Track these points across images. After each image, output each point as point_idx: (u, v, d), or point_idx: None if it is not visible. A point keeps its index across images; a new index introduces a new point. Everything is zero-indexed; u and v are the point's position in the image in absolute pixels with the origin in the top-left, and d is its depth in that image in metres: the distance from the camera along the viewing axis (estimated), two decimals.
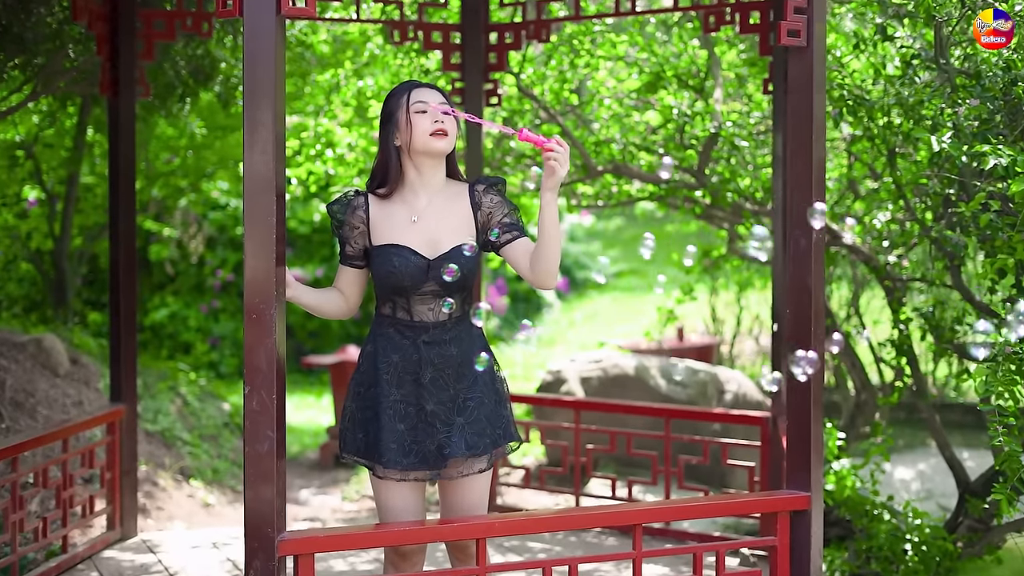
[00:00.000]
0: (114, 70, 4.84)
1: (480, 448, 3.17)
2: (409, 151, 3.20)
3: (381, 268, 3.18)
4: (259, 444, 2.91)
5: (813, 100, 3.37)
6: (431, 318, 3.20)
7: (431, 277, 3.17)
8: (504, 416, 3.25)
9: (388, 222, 3.22)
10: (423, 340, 3.18)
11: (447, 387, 3.19)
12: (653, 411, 5.15)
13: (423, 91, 3.21)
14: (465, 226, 3.23)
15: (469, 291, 3.27)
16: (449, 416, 3.17)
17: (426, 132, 3.16)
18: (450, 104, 3.24)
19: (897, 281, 5.48)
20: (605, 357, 6.99)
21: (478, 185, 3.27)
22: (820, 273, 3.41)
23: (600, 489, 5.54)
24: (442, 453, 3.15)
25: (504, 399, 3.27)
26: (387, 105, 3.25)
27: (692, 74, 5.74)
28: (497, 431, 3.22)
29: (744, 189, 5.43)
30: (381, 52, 6.24)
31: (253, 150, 2.91)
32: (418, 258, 3.17)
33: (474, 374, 3.20)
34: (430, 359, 3.18)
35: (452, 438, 3.14)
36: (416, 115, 3.17)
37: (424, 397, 3.17)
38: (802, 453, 3.43)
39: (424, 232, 3.20)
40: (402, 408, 3.18)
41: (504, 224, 3.23)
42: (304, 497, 6.84)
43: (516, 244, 3.22)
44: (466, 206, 3.25)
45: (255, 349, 2.91)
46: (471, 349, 3.23)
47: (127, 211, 4.90)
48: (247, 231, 2.90)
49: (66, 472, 4.60)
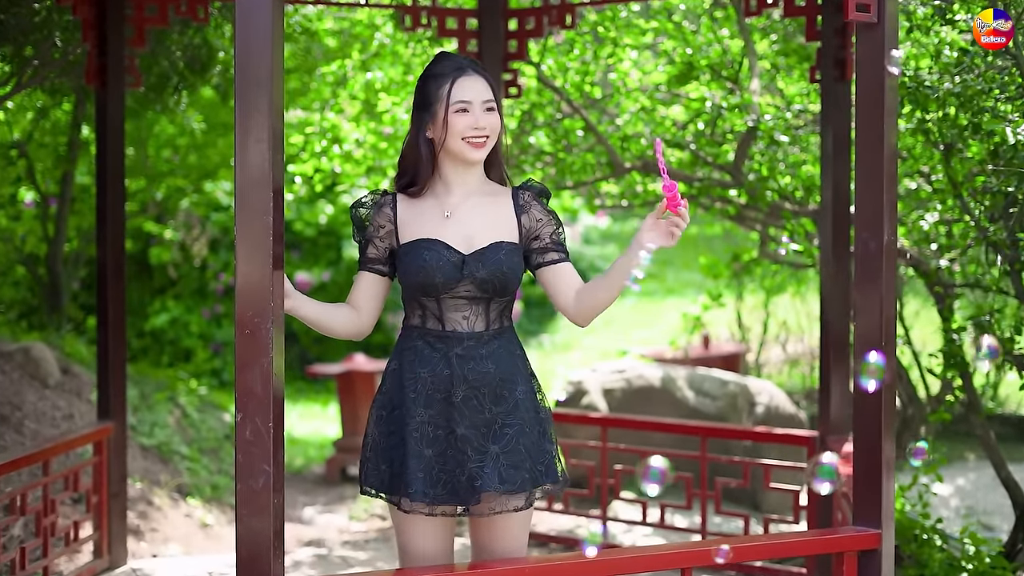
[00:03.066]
0: (102, 58, 4.45)
1: (516, 483, 2.73)
2: (442, 149, 2.80)
3: (411, 265, 2.77)
4: (253, 479, 2.51)
5: (884, 83, 2.98)
6: (466, 328, 2.78)
7: (466, 275, 2.75)
8: (547, 451, 2.82)
9: (419, 219, 2.82)
10: (456, 353, 2.76)
11: (482, 409, 2.76)
12: (688, 429, 4.73)
13: (469, 83, 2.78)
14: (506, 226, 2.82)
15: (510, 299, 2.85)
16: (483, 443, 2.74)
17: (462, 137, 2.76)
18: (497, 97, 2.81)
19: (948, 287, 5.08)
20: (629, 367, 6.58)
21: (524, 192, 2.87)
22: (891, 278, 3.03)
23: (627, 512, 5.13)
24: (473, 485, 2.72)
25: (548, 432, 2.84)
26: (425, 87, 2.82)
27: (726, 64, 5.33)
28: (539, 467, 2.78)
29: (783, 188, 5.02)
30: (391, 41, 5.83)
31: (246, 138, 2.51)
32: (452, 252, 2.76)
33: (515, 397, 2.78)
34: (463, 375, 2.75)
35: (485, 468, 2.71)
36: (455, 115, 2.75)
37: (455, 419, 2.74)
38: (871, 484, 3.03)
39: (459, 227, 2.80)
40: (430, 431, 2.75)
41: (554, 241, 2.83)
42: (308, 516, 6.43)
43: (558, 268, 2.83)
44: (508, 208, 2.84)
45: (248, 369, 2.51)
46: (512, 368, 2.81)
47: (116, 211, 4.51)
48: (239, 231, 2.50)
49: (47, 497, 4.20)
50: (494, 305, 2.80)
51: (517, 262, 2.80)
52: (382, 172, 6.00)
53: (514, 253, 2.80)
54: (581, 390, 6.45)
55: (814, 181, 5.18)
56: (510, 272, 2.78)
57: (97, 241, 4.52)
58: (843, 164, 4.26)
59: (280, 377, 2.55)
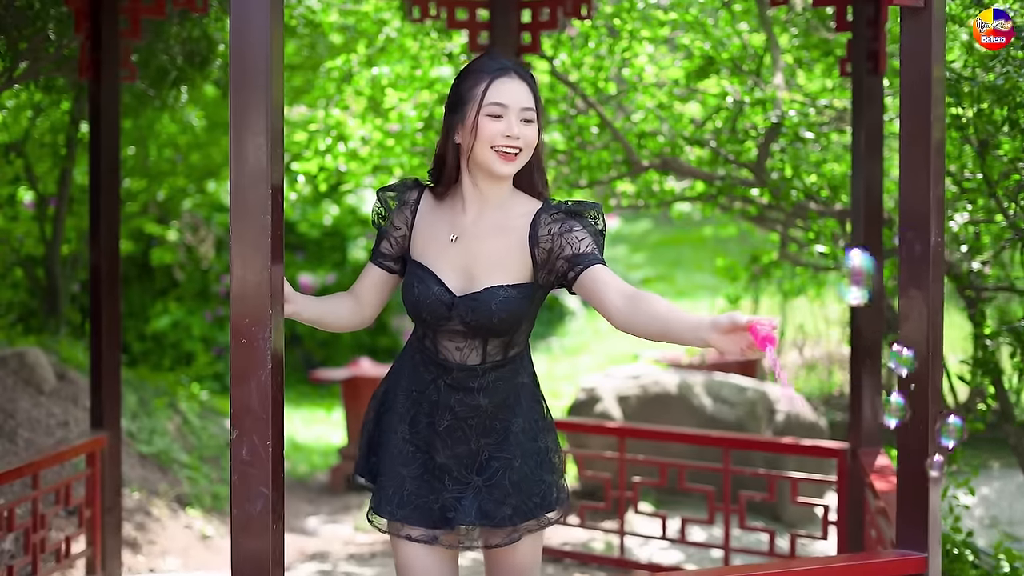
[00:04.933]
0: (95, 51, 4.23)
1: (496, 519, 2.52)
2: (468, 157, 2.52)
3: (404, 292, 2.58)
4: (250, 503, 2.29)
5: (931, 72, 2.75)
6: (457, 359, 2.56)
7: (454, 316, 2.52)
8: (545, 481, 2.58)
9: (428, 233, 2.58)
10: (445, 382, 2.56)
11: (466, 440, 2.56)
12: (710, 440, 4.50)
13: (509, 85, 2.48)
14: (515, 263, 2.51)
15: (515, 336, 2.57)
16: (464, 473, 2.55)
17: (491, 145, 2.46)
18: (539, 107, 2.51)
19: (980, 291, 4.85)
20: (644, 373, 6.35)
21: (544, 214, 2.51)
22: (939, 283, 2.82)
23: (644, 526, 4.91)
24: (445, 516, 2.53)
25: (548, 462, 2.60)
26: (459, 86, 2.53)
27: (748, 57, 5.10)
28: (532, 499, 2.56)
29: (808, 187, 4.80)
30: (398, 35, 5.61)
31: (242, 131, 2.29)
32: (442, 290, 2.52)
33: (507, 430, 2.55)
34: (450, 406, 2.55)
35: (462, 501, 2.52)
36: (486, 119, 2.46)
37: (435, 447, 2.56)
38: (917, 504, 2.80)
39: (461, 257, 2.54)
40: (410, 451, 2.57)
41: (567, 259, 2.47)
42: (312, 527, 6.22)
43: (586, 276, 2.45)
44: (522, 239, 2.51)
45: (244, 382, 2.28)
46: (510, 399, 2.57)
47: (110, 211, 4.29)
48: (234, 232, 2.28)
49: (37, 512, 3.99)
50: (494, 341, 2.55)
51: (516, 307, 2.49)
52: (389, 171, 5.78)
53: (513, 299, 2.48)
54: (594, 396, 6.23)
55: (840, 180, 4.96)
56: (501, 323, 2.49)
57: (90, 243, 4.31)
58: (876, 162, 4.03)
59: (280, 390, 2.32)
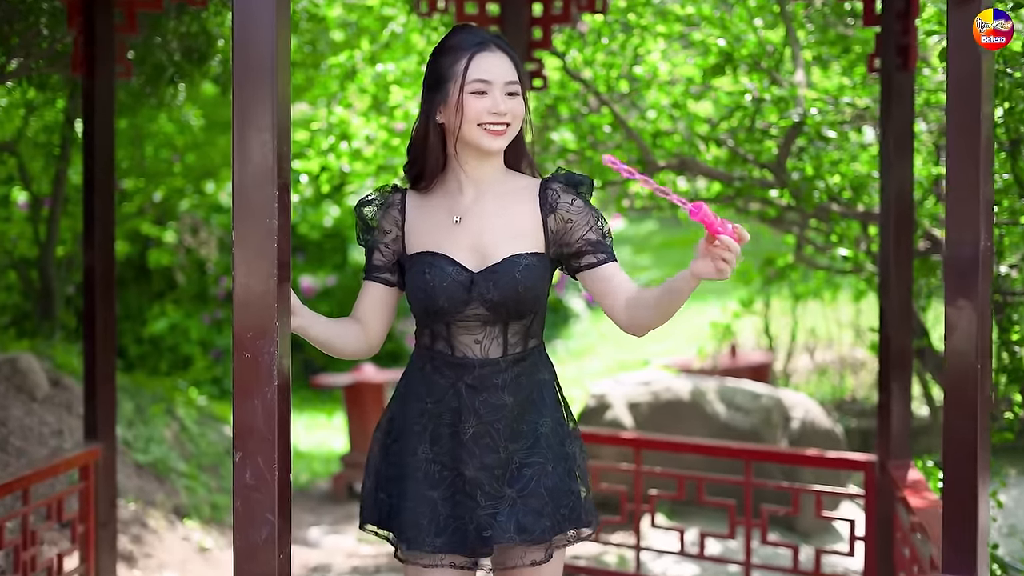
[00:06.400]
0: (89, 45, 4.04)
1: (536, 532, 2.33)
2: (455, 137, 2.38)
3: (412, 284, 2.38)
4: (254, 531, 2.10)
5: (982, 66, 2.57)
6: (478, 354, 2.38)
7: (474, 296, 2.34)
8: (573, 491, 2.40)
9: (425, 223, 2.41)
10: (466, 383, 2.37)
11: (495, 447, 2.36)
12: (731, 452, 4.32)
13: (490, 60, 2.35)
14: (528, 232, 2.39)
15: (533, 320, 2.42)
16: (496, 487, 2.35)
17: (478, 122, 2.34)
18: (522, 79, 2.38)
19: (1008, 295, 4.68)
20: (655, 379, 6.17)
21: (553, 183, 2.41)
22: (987, 291, 2.64)
23: (662, 540, 4.73)
24: (482, 536, 2.33)
25: (575, 470, 2.43)
26: (437, 63, 2.39)
27: (766, 53, 4.92)
28: (561, 511, 2.37)
29: (831, 188, 4.62)
30: (404, 29, 5.41)
31: (246, 127, 2.10)
32: (457, 270, 2.35)
33: (536, 432, 2.37)
34: (474, 409, 2.36)
35: (498, 516, 2.33)
36: (470, 97, 2.33)
37: (463, 459, 2.36)
38: (966, 524, 2.62)
39: (468, 236, 2.38)
40: (436, 470, 2.38)
41: (588, 242, 2.38)
42: (314, 537, 6.03)
43: (597, 272, 2.38)
44: (532, 208, 2.40)
45: (248, 400, 2.10)
46: (535, 397, 2.40)
47: (105, 212, 4.10)
48: (237, 237, 2.09)
49: (27, 528, 3.80)
50: (514, 327, 2.39)
51: (539, 277, 2.37)
52: (393, 171, 5.59)
53: (535, 267, 2.36)
54: (604, 403, 6.05)
55: (862, 180, 4.78)
56: (527, 293, 2.35)
57: (84, 245, 4.12)
58: (906, 162, 3.86)
59: (287, 408, 2.14)
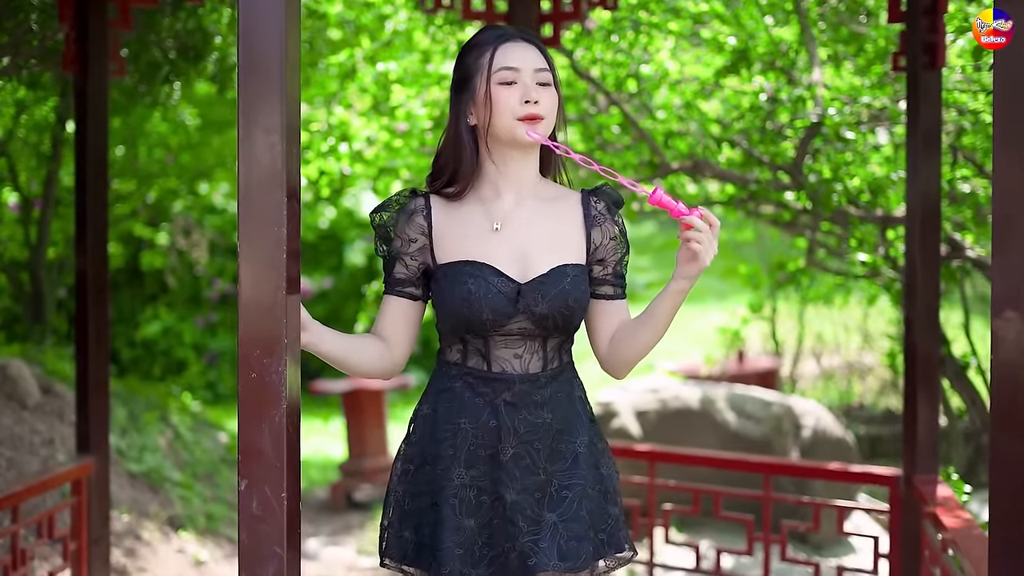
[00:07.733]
0: (81, 42, 3.88)
1: (580, 559, 2.18)
2: (487, 136, 2.24)
3: (451, 295, 2.20)
4: (261, 566, 1.94)
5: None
6: (518, 369, 2.23)
7: (521, 310, 2.19)
8: (611, 515, 2.27)
9: (459, 231, 2.25)
10: (505, 400, 2.22)
11: (535, 469, 2.21)
12: (750, 466, 4.17)
13: (513, 48, 2.23)
14: (571, 243, 2.27)
15: (570, 335, 2.28)
16: (537, 511, 2.20)
17: (511, 115, 2.20)
18: (552, 67, 2.25)
19: None
20: (662, 386, 6.02)
21: (597, 199, 2.30)
22: None
23: (675, 556, 4.57)
24: (526, 564, 2.17)
25: (611, 490, 2.29)
26: (463, 64, 2.27)
27: (780, 52, 4.77)
28: (599, 536, 2.24)
29: (850, 190, 4.47)
30: (407, 26, 5.25)
31: (252, 128, 1.93)
32: (503, 281, 2.20)
33: (574, 452, 2.23)
34: (514, 428, 2.21)
35: (540, 543, 2.17)
36: (499, 88, 2.20)
37: (503, 482, 2.20)
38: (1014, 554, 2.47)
39: (512, 245, 2.23)
40: (472, 496, 2.21)
41: (614, 273, 2.31)
42: (312, 549, 5.86)
43: (611, 306, 2.32)
44: (575, 217, 2.28)
45: (254, 423, 1.94)
46: (572, 416, 2.26)
47: (97, 214, 3.94)
48: (243, 247, 1.93)
49: (16, 547, 3.63)
50: (553, 341, 2.26)
51: (585, 290, 2.26)
52: (395, 173, 5.43)
53: (581, 279, 2.25)
54: (611, 411, 5.89)
55: (880, 183, 4.63)
56: (577, 305, 2.23)
57: (76, 248, 3.96)
58: (934, 164, 3.70)
59: (296, 433, 1.98)
